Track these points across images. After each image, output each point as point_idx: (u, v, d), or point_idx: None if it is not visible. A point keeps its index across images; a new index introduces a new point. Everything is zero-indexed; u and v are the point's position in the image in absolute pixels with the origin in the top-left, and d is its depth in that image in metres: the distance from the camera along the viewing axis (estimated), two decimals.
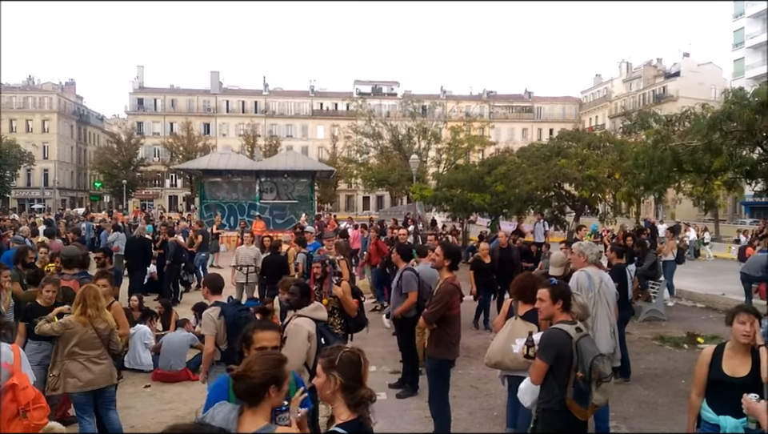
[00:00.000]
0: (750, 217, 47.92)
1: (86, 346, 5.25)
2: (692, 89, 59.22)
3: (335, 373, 2.65)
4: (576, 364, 3.91)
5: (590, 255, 6.11)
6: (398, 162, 34.50)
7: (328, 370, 2.67)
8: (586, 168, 18.09)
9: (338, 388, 2.65)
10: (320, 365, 2.73)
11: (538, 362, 4.02)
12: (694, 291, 15.46)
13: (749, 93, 6.80)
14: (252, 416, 2.65)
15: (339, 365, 2.67)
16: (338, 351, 2.75)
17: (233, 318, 5.19)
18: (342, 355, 2.71)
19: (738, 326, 3.79)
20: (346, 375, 2.66)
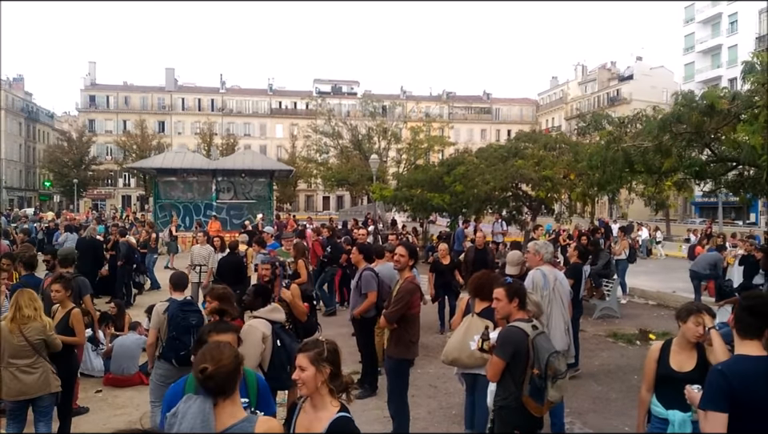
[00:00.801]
0: (699, 217, 49.71)
1: (15, 355, 5.02)
2: (645, 92, 61.07)
3: (325, 364, 2.79)
4: (532, 362, 3.95)
5: (545, 254, 6.20)
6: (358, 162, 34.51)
7: (317, 362, 2.78)
8: (542, 169, 18.41)
9: (327, 378, 2.79)
10: (305, 359, 2.80)
11: (495, 359, 4.04)
12: (646, 288, 15.90)
13: (697, 96, 7.02)
14: (231, 406, 2.64)
15: (328, 356, 2.81)
16: (321, 343, 2.87)
17: (171, 313, 5.38)
18: (326, 346, 2.85)
19: (692, 326, 3.84)
20: (334, 364, 2.83)
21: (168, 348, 5.27)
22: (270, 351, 4.98)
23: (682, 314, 3.94)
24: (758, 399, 2.92)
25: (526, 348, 3.96)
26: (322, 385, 2.81)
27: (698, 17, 57.03)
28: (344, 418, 2.78)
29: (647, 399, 4.03)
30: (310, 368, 2.79)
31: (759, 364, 3.01)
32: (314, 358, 2.80)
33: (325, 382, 2.80)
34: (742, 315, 3.16)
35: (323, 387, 2.81)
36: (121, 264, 13.32)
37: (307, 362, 2.80)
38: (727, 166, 8.10)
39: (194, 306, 5.73)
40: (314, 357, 2.80)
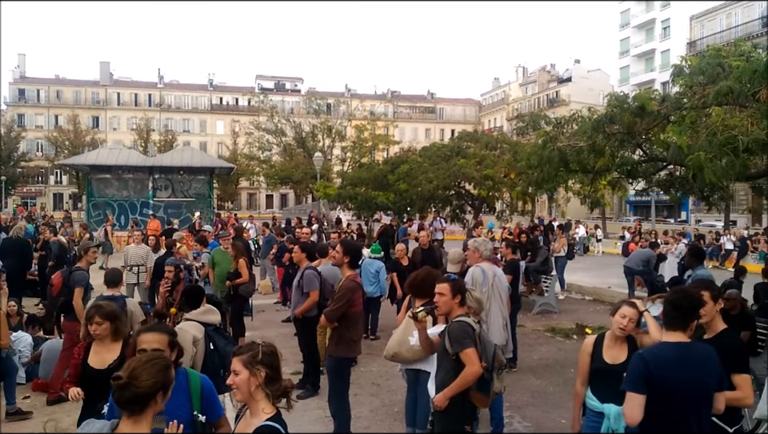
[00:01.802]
0: (634, 215, 51.77)
1: None
2: (582, 94, 63.07)
3: (259, 367, 2.66)
4: (480, 355, 4.01)
5: (484, 251, 6.30)
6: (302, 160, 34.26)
7: (251, 365, 2.65)
8: (483, 168, 18.77)
9: (263, 382, 2.65)
10: (239, 362, 2.68)
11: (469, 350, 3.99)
12: (582, 284, 16.41)
13: (630, 97, 7.28)
14: (133, 426, 2.46)
15: (263, 358, 2.67)
16: (255, 346, 2.74)
17: None
18: (261, 349, 2.71)
19: (618, 318, 4.03)
20: (270, 367, 2.68)
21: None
22: (201, 354, 4.81)
23: (614, 309, 4.12)
24: (672, 381, 3.15)
25: (475, 342, 4.02)
26: (257, 390, 2.68)
27: (633, 22, 59.42)
28: (268, 427, 2.63)
29: (582, 393, 4.15)
30: (244, 372, 2.67)
31: (677, 349, 3.23)
32: (248, 361, 2.67)
33: (260, 386, 2.67)
34: (668, 309, 3.37)
35: (258, 392, 2.68)
36: (51, 265, 12.72)
37: (241, 365, 2.68)
38: (658, 165, 8.44)
39: (118, 301, 5.61)
40: (248, 360, 2.67)
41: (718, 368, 3.28)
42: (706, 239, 25.51)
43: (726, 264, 22.45)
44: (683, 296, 3.40)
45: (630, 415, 3.19)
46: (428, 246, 10.92)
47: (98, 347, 4.13)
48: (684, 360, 3.19)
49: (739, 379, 3.63)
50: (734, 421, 3.69)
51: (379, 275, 10.18)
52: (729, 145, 4.97)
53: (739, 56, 6.12)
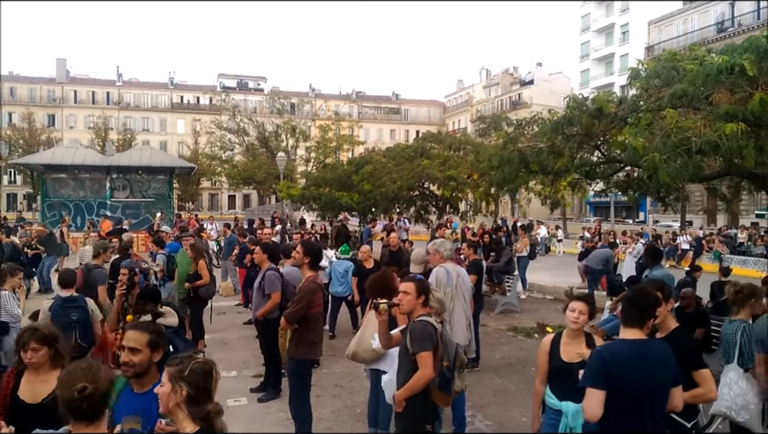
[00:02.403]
0: (594, 215, 52.90)
1: None
2: (544, 96, 64.06)
3: (182, 384, 2.45)
4: (442, 354, 4.01)
5: (444, 252, 6.33)
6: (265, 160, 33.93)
7: (175, 380, 2.46)
8: (447, 169, 18.89)
9: (183, 400, 2.44)
10: (166, 374, 2.50)
11: (425, 354, 3.97)
12: (544, 284, 16.66)
13: (588, 100, 7.41)
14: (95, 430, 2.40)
15: (189, 375, 2.46)
16: (188, 360, 2.53)
17: (54, 309, 5.53)
18: (192, 365, 2.50)
19: (568, 313, 4.13)
20: (193, 387, 2.46)
21: None
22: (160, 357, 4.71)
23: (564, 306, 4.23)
24: (628, 378, 3.20)
25: (437, 342, 4.02)
26: (176, 407, 2.45)
27: (594, 26, 60.72)
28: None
29: (541, 391, 4.19)
30: (167, 385, 2.47)
31: (633, 346, 3.29)
32: (173, 375, 2.47)
33: (182, 403, 2.44)
34: (626, 306, 3.44)
35: (177, 410, 2.46)
36: None
37: (166, 377, 2.49)
38: (615, 166, 8.60)
39: (77, 301, 5.74)
40: (174, 374, 2.47)
41: (674, 366, 3.35)
42: (663, 239, 26.22)
43: (682, 263, 23.09)
44: (642, 294, 3.48)
45: (589, 411, 3.22)
46: (397, 248, 10.64)
47: (32, 376, 3.49)
48: (640, 358, 3.25)
49: (699, 376, 3.70)
50: (691, 416, 3.76)
51: (348, 274, 10.18)
52: (682, 146, 5.10)
53: (693, 60, 6.29)
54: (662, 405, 3.35)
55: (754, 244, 24.70)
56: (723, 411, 4.56)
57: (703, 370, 3.73)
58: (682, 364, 3.52)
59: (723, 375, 4.79)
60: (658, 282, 4.72)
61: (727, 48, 6.05)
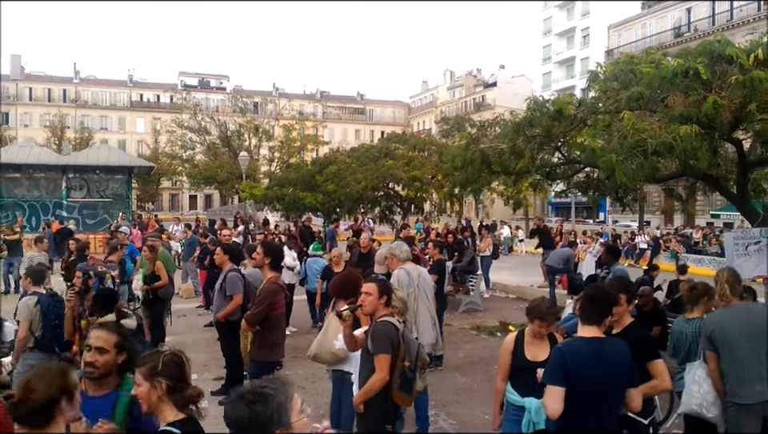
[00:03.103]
0: (555, 216, 53.85)
1: None
2: (507, 98, 64.78)
3: (160, 378, 2.60)
4: (403, 354, 4.01)
5: (401, 254, 6.33)
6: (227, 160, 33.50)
7: (151, 377, 2.60)
8: (411, 169, 18.95)
9: (164, 393, 2.60)
10: (140, 374, 2.64)
11: (383, 356, 3.99)
12: (507, 283, 16.86)
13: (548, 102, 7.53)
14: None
15: (163, 369, 2.61)
16: (157, 355, 2.68)
17: (47, 306, 5.58)
18: (163, 358, 2.65)
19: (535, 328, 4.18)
20: (171, 378, 2.62)
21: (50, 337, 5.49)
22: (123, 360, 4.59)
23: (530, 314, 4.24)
24: (586, 376, 3.25)
25: (398, 342, 4.02)
26: (159, 401, 2.62)
27: (555, 29, 61.77)
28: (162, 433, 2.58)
29: (502, 389, 4.22)
30: (144, 384, 2.62)
31: (591, 344, 3.34)
32: (147, 373, 2.62)
33: (161, 398, 2.61)
34: (585, 304, 3.50)
35: (161, 403, 2.62)
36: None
37: (141, 378, 2.63)
38: (575, 167, 8.75)
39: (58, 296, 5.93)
40: (148, 372, 2.62)
41: (630, 365, 3.40)
42: (622, 239, 26.83)
43: (641, 262, 23.66)
44: (601, 292, 3.56)
45: (551, 408, 3.26)
46: (367, 249, 10.45)
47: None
48: (598, 355, 3.30)
49: (654, 367, 3.78)
50: (648, 413, 3.83)
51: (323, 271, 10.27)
52: (639, 148, 5.22)
53: (650, 63, 6.44)
54: (619, 404, 3.40)
55: (709, 243, 25.48)
56: (694, 409, 4.61)
57: (657, 361, 3.81)
58: (638, 357, 3.58)
59: (688, 373, 4.84)
60: (623, 281, 4.78)
61: (682, 52, 6.22)
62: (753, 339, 4.25)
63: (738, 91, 5.24)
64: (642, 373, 3.63)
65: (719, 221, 34.18)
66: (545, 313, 4.13)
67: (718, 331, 4.33)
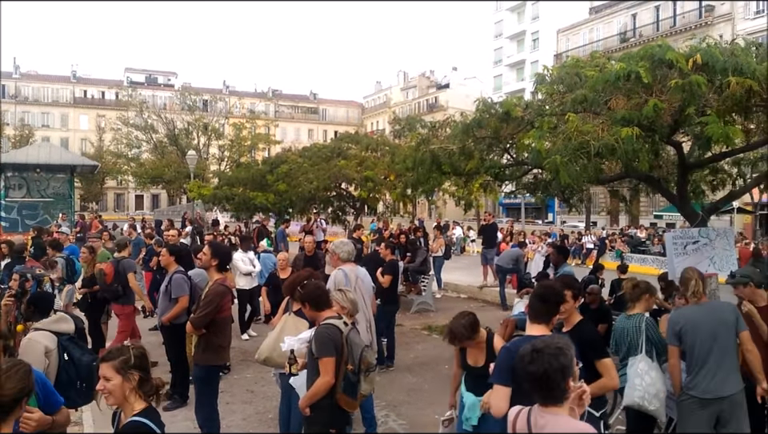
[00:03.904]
0: (506, 216, 54.78)
1: None
2: (460, 100, 65.59)
3: (133, 371, 2.67)
4: (347, 358, 3.99)
5: (341, 253, 6.27)
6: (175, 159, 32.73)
7: (123, 370, 2.66)
8: (364, 169, 18.90)
9: (136, 385, 2.68)
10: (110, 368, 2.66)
11: (327, 359, 3.95)
12: (459, 283, 17.02)
13: (496, 103, 7.63)
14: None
15: (135, 362, 2.69)
16: (125, 350, 2.74)
17: None
18: (133, 351, 2.73)
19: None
20: (142, 370, 2.72)
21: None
22: (55, 366, 4.42)
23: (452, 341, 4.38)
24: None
25: (342, 345, 3.98)
26: (131, 393, 2.69)
27: (506, 33, 62.83)
28: (135, 422, 2.64)
29: (460, 375, 4.38)
30: (116, 378, 2.66)
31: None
32: (120, 366, 2.67)
33: (134, 390, 2.69)
34: (534, 302, 3.56)
35: (131, 395, 2.69)
36: None
37: (112, 371, 2.67)
38: (523, 169, 8.88)
39: None
40: (120, 365, 2.67)
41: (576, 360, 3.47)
42: (570, 239, 27.51)
43: (587, 262, 24.30)
44: (549, 291, 3.63)
45: (496, 407, 3.28)
46: (312, 253, 10.13)
47: None
48: None
49: (602, 365, 3.82)
50: (600, 406, 3.89)
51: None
52: (582, 149, 5.33)
53: (595, 67, 6.58)
54: None
55: (653, 243, 26.37)
56: (637, 401, 4.73)
57: (606, 359, 3.87)
58: (586, 355, 3.64)
59: (631, 367, 4.95)
60: (568, 278, 4.86)
61: (625, 56, 6.39)
62: (720, 335, 4.40)
63: (677, 95, 5.41)
64: (589, 371, 3.68)
65: (662, 222, 35.42)
66: (464, 335, 4.20)
67: (689, 327, 4.44)
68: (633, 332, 5.05)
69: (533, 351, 2.43)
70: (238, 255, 10.49)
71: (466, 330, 4.14)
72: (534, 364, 2.41)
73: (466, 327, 4.16)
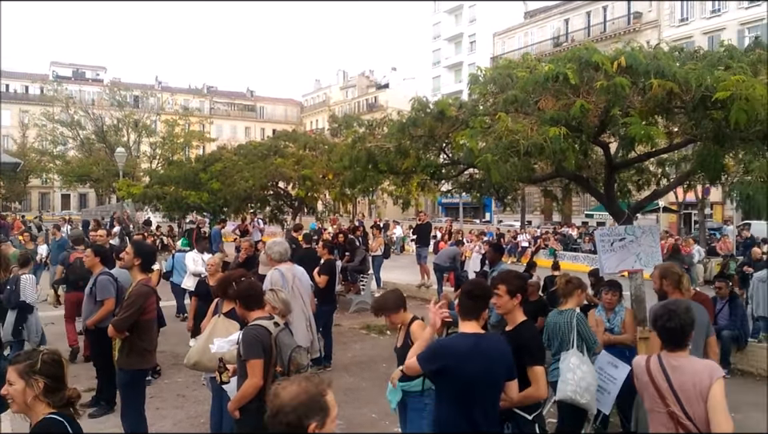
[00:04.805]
0: (445, 216, 55.52)
1: None
2: (399, 100, 65.57)
3: (38, 377, 2.55)
4: (275, 359, 3.92)
5: (273, 253, 6.18)
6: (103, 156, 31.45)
7: (27, 375, 2.54)
8: (301, 168, 18.71)
9: (41, 392, 2.55)
10: (14, 372, 2.56)
11: (254, 361, 3.87)
12: (398, 282, 17.05)
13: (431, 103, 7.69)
14: None
15: (42, 367, 2.56)
16: (35, 354, 2.64)
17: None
18: (42, 357, 2.60)
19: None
20: (49, 377, 2.57)
21: None
22: None
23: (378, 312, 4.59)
24: (465, 371, 3.30)
25: (270, 346, 3.91)
26: (35, 401, 2.54)
27: (444, 35, 63.67)
28: (49, 419, 2.53)
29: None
30: (19, 382, 2.55)
31: (470, 340, 3.40)
32: (24, 371, 2.55)
33: (37, 397, 2.54)
34: (463, 299, 3.56)
35: (36, 403, 2.55)
36: None
37: (16, 376, 2.55)
38: (459, 168, 9.00)
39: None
40: (24, 370, 2.56)
41: (509, 358, 3.47)
42: (506, 238, 28.16)
43: (522, 260, 24.92)
44: (476, 287, 3.64)
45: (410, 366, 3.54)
46: (244, 259, 9.80)
47: None
48: (477, 352, 3.34)
49: (533, 373, 3.76)
50: (534, 408, 3.88)
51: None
52: (512, 148, 5.44)
53: (526, 68, 6.73)
54: (495, 397, 3.46)
55: (584, 242, 27.33)
56: (569, 395, 4.81)
57: (538, 367, 3.79)
58: (521, 359, 3.65)
59: (563, 362, 5.05)
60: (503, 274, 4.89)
61: (554, 58, 6.57)
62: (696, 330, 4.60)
63: (602, 96, 5.60)
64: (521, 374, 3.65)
65: (593, 220, 36.75)
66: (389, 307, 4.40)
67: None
68: (564, 327, 5.17)
69: (670, 312, 3.18)
70: (191, 255, 10.63)
71: (393, 302, 4.35)
72: (671, 321, 3.15)
73: (392, 299, 4.38)
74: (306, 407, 1.98)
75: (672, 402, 3.10)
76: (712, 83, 5.40)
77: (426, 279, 15.89)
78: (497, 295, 3.88)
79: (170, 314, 10.52)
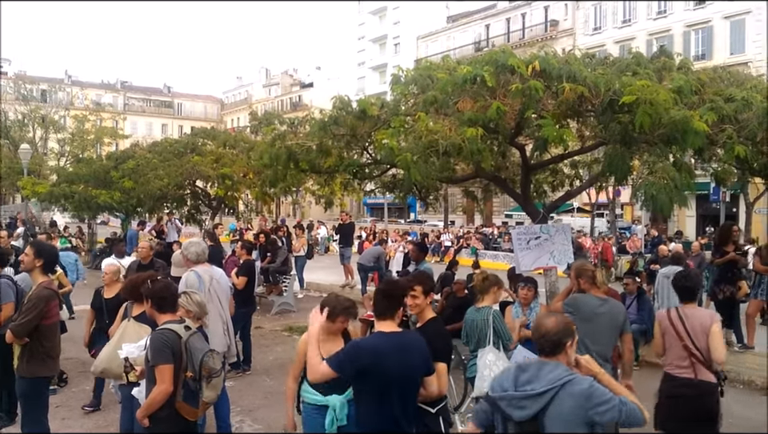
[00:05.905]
0: (371, 216, 55.70)
1: None
2: (324, 100, 64.98)
3: None
4: (185, 364, 3.79)
5: (189, 254, 5.94)
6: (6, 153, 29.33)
7: None
8: (221, 166, 18.21)
9: None
10: None
11: (163, 367, 3.70)
12: (321, 282, 16.98)
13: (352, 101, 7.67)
14: None
15: None
16: None
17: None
18: None
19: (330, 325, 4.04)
20: None
21: None
22: None
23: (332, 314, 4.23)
24: (385, 369, 3.33)
25: (180, 351, 3.77)
26: None
27: (368, 35, 63.93)
28: None
29: (294, 389, 4.06)
30: None
31: (389, 339, 3.43)
32: None
33: None
34: (378, 299, 3.57)
35: None
36: None
37: None
38: (382, 167, 9.04)
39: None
40: None
41: (426, 355, 3.54)
42: (430, 237, 28.61)
43: (445, 259, 25.39)
44: (392, 286, 3.68)
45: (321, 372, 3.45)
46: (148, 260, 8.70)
47: None
48: (396, 350, 3.38)
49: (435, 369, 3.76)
50: (438, 401, 3.94)
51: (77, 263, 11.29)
52: (431, 148, 5.52)
53: (446, 70, 6.85)
54: (413, 393, 3.52)
55: (504, 241, 28.17)
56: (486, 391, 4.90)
57: (441, 364, 3.82)
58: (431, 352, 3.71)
59: (480, 359, 5.15)
60: (420, 274, 4.96)
61: (473, 60, 6.72)
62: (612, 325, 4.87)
63: (517, 98, 5.78)
64: None
65: (512, 220, 37.99)
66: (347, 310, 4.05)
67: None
68: (482, 325, 5.29)
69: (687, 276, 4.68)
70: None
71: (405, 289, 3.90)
72: (688, 281, 4.62)
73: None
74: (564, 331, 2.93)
75: (686, 338, 4.44)
76: (620, 88, 5.69)
77: (350, 279, 15.86)
78: (412, 296, 3.96)
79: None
